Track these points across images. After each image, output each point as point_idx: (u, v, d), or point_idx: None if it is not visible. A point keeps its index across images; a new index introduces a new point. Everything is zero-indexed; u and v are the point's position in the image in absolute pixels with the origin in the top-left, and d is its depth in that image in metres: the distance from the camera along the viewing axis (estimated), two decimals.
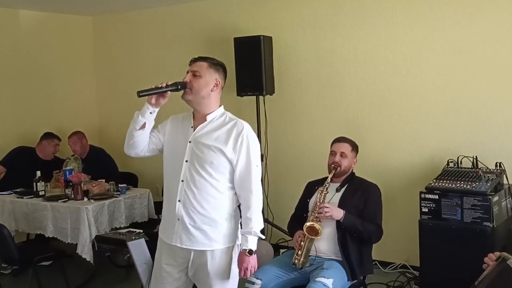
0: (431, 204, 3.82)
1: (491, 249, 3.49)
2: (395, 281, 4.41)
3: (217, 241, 2.58)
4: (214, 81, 2.61)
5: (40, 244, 5.07)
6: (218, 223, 2.58)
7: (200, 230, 2.56)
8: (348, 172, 3.50)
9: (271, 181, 5.25)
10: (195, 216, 2.55)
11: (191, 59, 2.66)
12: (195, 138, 2.58)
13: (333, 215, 3.24)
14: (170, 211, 2.60)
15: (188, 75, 2.59)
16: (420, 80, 4.49)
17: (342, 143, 3.53)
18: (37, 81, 5.96)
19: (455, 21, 4.30)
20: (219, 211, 2.58)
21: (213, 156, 2.53)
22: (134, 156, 2.73)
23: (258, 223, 2.58)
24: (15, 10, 5.79)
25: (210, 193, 2.55)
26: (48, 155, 5.40)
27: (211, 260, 2.57)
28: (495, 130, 4.19)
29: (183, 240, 2.57)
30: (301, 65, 5.09)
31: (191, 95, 2.57)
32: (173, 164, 2.63)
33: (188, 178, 2.55)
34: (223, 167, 2.56)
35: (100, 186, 4.78)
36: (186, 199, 2.55)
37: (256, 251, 2.60)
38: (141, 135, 2.62)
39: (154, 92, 2.53)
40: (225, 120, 2.64)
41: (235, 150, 2.54)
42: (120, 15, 6.29)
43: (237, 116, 2.72)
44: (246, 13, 5.34)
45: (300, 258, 3.22)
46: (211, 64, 2.62)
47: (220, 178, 2.56)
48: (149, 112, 2.57)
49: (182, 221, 2.56)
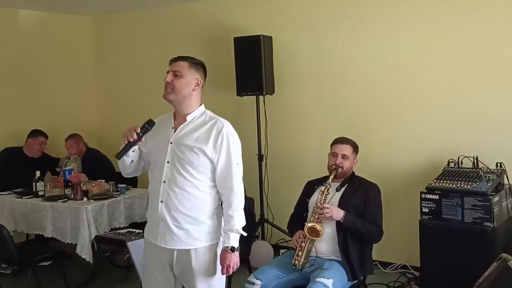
0: (432, 204, 3.81)
1: (492, 250, 3.51)
2: (395, 281, 4.40)
3: (200, 239, 2.60)
4: (195, 81, 2.65)
5: (39, 244, 5.06)
6: (201, 222, 2.60)
7: (183, 229, 2.58)
8: (349, 173, 3.49)
9: (271, 181, 5.24)
10: (177, 216, 2.57)
11: (171, 59, 2.68)
12: (176, 139, 2.61)
13: (333, 215, 3.23)
14: (154, 212, 2.64)
15: (169, 75, 2.61)
16: (420, 80, 4.49)
17: (344, 144, 3.51)
18: (36, 80, 5.96)
19: (455, 21, 4.29)
20: (202, 210, 2.60)
21: (194, 157, 2.56)
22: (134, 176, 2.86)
23: (240, 221, 2.60)
24: (15, 10, 5.79)
25: (192, 192, 2.58)
26: (34, 153, 5.36)
27: (195, 258, 2.59)
28: (496, 130, 4.18)
29: (167, 241, 2.60)
30: (301, 65, 5.08)
31: (172, 94, 2.59)
32: (155, 165, 2.67)
33: (169, 178, 2.58)
34: (204, 167, 2.58)
35: (99, 186, 4.77)
36: (168, 199, 2.58)
37: (238, 248, 2.62)
38: (133, 166, 2.73)
39: (130, 146, 2.59)
40: (205, 119, 2.66)
41: (215, 149, 2.56)
42: (120, 15, 6.28)
43: (237, 116, 2.73)
44: (246, 13, 5.34)
45: (300, 259, 3.21)
46: (191, 64, 2.65)
47: (201, 177, 2.58)
48: (131, 151, 2.65)
49: (165, 222, 2.59)
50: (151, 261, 2.71)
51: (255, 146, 5.15)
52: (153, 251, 2.67)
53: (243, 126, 5.40)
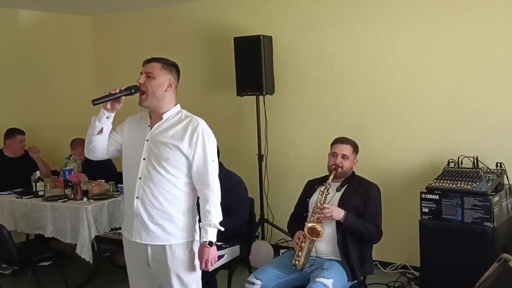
0: (432, 204, 3.81)
1: (492, 250, 3.51)
2: (395, 281, 4.40)
3: (175, 235, 2.66)
4: (168, 81, 2.69)
5: (39, 244, 5.06)
6: (176, 218, 2.66)
7: (158, 225, 2.64)
8: (349, 173, 3.49)
9: (271, 181, 5.24)
10: (153, 211, 2.64)
11: (144, 60, 2.73)
12: (152, 137, 2.67)
13: (333, 215, 3.22)
14: (130, 208, 2.70)
15: (142, 76, 2.68)
16: (420, 80, 4.49)
17: (344, 144, 3.50)
18: (36, 80, 5.95)
19: (455, 21, 4.29)
20: (177, 206, 2.66)
21: (169, 153, 2.62)
22: (95, 159, 2.86)
23: (217, 216, 2.66)
24: (15, 10, 5.78)
25: (167, 188, 2.64)
26: (16, 152, 5.29)
27: (170, 255, 2.65)
28: (496, 130, 4.18)
29: (142, 236, 2.67)
30: (301, 65, 5.08)
31: (147, 100, 2.67)
32: (131, 162, 2.72)
33: (145, 175, 2.64)
34: (179, 163, 2.64)
35: (99, 186, 4.77)
36: (143, 195, 2.64)
37: (215, 243, 2.67)
38: (99, 139, 2.73)
39: (108, 99, 2.63)
40: (180, 117, 2.72)
41: (191, 146, 2.62)
42: (119, 15, 6.28)
43: (237, 116, 2.74)
44: (246, 13, 5.34)
45: (300, 259, 3.21)
46: (164, 65, 2.70)
47: (177, 174, 2.64)
48: (106, 117, 2.68)
49: (141, 217, 2.65)
50: (131, 258, 2.79)
51: (255, 146, 5.15)
52: (131, 248, 2.75)
53: (243, 126, 5.42)
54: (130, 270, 2.84)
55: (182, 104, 2.73)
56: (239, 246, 3.74)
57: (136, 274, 2.81)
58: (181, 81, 2.80)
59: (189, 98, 5.90)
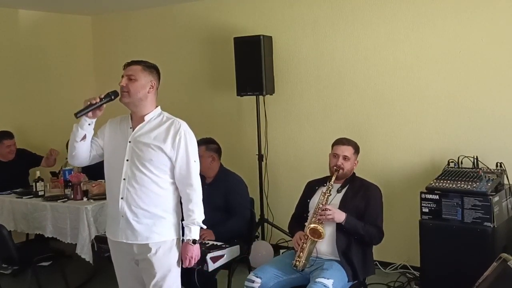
0: (432, 204, 3.81)
1: (492, 250, 3.51)
2: (395, 281, 4.40)
3: (159, 233, 2.73)
4: (150, 83, 2.75)
5: (39, 244, 5.06)
6: (161, 217, 2.73)
7: (143, 224, 2.71)
8: (349, 174, 3.49)
9: (271, 181, 5.24)
10: (137, 211, 2.70)
11: (125, 63, 2.80)
12: (134, 138, 2.73)
13: (335, 217, 3.22)
14: (114, 209, 2.76)
15: (123, 79, 2.74)
16: (420, 79, 4.49)
17: (346, 146, 3.47)
18: (36, 80, 5.95)
19: (455, 21, 4.29)
20: (161, 205, 2.73)
21: (152, 154, 2.68)
22: (79, 165, 2.92)
23: (200, 214, 2.75)
24: (14, 9, 5.78)
25: (151, 188, 2.70)
26: (5, 156, 5.21)
27: (154, 253, 2.71)
28: (496, 130, 4.18)
29: (128, 236, 2.73)
30: (301, 65, 5.08)
31: (128, 98, 2.72)
32: (114, 164, 2.77)
33: (129, 175, 2.70)
34: (162, 164, 2.71)
35: (99, 186, 4.76)
36: (128, 195, 2.70)
37: (199, 240, 2.77)
38: (82, 146, 2.77)
39: (90, 109, 2.69)
40: (162, 119, 2.78)
41: (173, 147, 2.69)
42: (119, 15, 6.28)
43: (237, 116, 2.76)
44: (246, 13, 5.34)
45: (301, 260, 3.21)
46: (145, 67, 2.77)
47: (160, 174, 2.71)
48: (87, 124, 2.73)
49: (126, 218, 2.71)
50: (117, 259, 2.88)
51: (255, 146, 5.15)
52: (116, 248, 2.82)
53: (243, 126, 5.42)
54: (117, 271, 2.92)
55: (182, 104, 2.75)
56: (239, 246, 3.74)
57: (123, 274, 2.89)
58: (181, 81, 2.81)
59: (189, 98, 5.91)
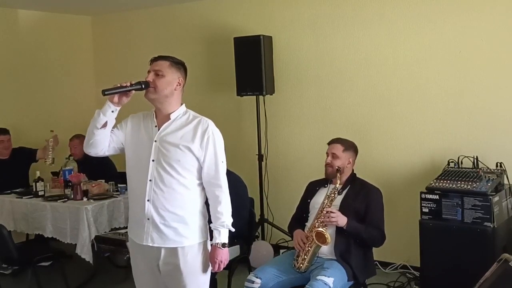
0: (432, 204, 3.81)
1: (492, 250, 3.51)
2: (395, 281, 4.40)
3: (187, 237, 2.60)
4: (177, 80, 2.63)
5: (39, 244, 5.06)
6: (188, 220, 2.60)
7: (171, 227, 2.58)
8: (344, 172, 3.44)
9: (271, 181, 5.24)
10: (165, 214, 2.57)
11: (152, 58, 2.67)
12: (160, 137, 2.60)
13: (338, 221, 3.21)
14: (139, 211, 2.62)
15: (150, 74, 2.60)
16: (420, 80, 4.49)
17: (334, 144, 3.50)
18: (36, 80, 5.95)
19: (455, 21, 4.29)
20: (188, 208, 2.61)
21: (180, 154, 2.56)
22: (94, 155, 2.75)
23: (229, 217, 2.63)
24: (14, 9, 5.78)
25: (178, 190, 2.58)
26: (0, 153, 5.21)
27: (182, 257, 2.59)
28: (496, 130, 4.18)
29: (154, 239, 2.59)
30: (301, 65, 5.08)
31: (154, 94, 2.58)
32: (138, 164, 2.63)
33: (156, 177, 2.57)
34: (190, 165, 2.58)
35: (99, 186, 4.77)
36: (155, 198, 2.57)
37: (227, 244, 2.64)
38: (101, 133, 2.62)
39: (119, 91, 2.53)
40: (188, 118, 2.65)
41: (202, 147, 2.57)
42: (119, 15, 6.28)
43: (237, 116, 2.73)
44: (246, 13, 5.34)
45: (304, 263, 3.22)
46: (172, 63, 2.63)
47: (187, 175, 2.59)
48: (111, 111, 2.57)
49: (152, 220, 2.58)
50: (138, 261, 2.71)
51: (255, 146, 5.15)
52: (139, 251, 2.67)
53: (243, 126, 5.42)
54: (137, 274, 2.75)
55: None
56: (239, 246, 3.74)
57: (143, 278, 2.72)
58: None
59: (189, 98, 5.90)
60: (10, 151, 5.27)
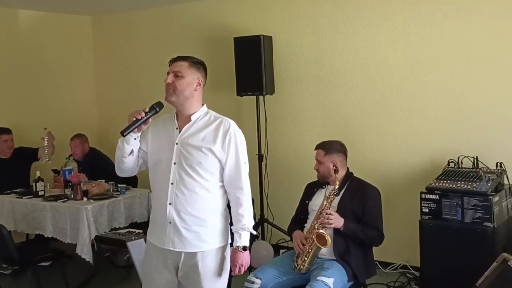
0: (432, 204, 3.81)
1: (492, 250, 3.51)
2: (395, 281, 4.40)
3: (208, 242, 2.56)
4: (197, 80, 2.60)
5: (39, 244, 5.06)
6: (210, 224, 2.56)
7: (192, 232, 2.53)
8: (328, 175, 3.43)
9: (271, 181, 5.24)
10: (186, 217, 2.53)
11: (171, 59, 2.62)
12: (182, 140, 2.55)
13: (335, 224, 3.21)
14: (161, 214, 2.58)
15: (169, 76, 2.55)
16: (420, 79, 4.49)
17: (316, 150, 3.51)
18: (36, 80, 5.96)
19: (455, 21, 4.29)
20: (210, 211, 2.57)
21: (202, 157, 2.51)
22: (128, 176, 2.77)
23: (250, 219, 2.59)
24: (14, 9, 5.78)
25: (200, 193, 2.53)
26: (3, 151, 5.20)
27: (202, 261, 2.55)
28: (496, 130, 4.18)
29: (175, 244, 2.55)
30: (301, 65, 5.08)
31: (174, 96, 2.54)
32: (160, 167, 2.59)
33: (177, 180, 2.53)
34: (212, 167, 2.54)
35: (99, 186, 4.77)
36: (177, 201, 2.53)
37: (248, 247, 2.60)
38: (130, 159, 2.62)
39: (136, 125, 2.52)
40: (209, 119, 2.61)
41: (223, 148, 2.53)
42: (119, 15, 6.28)
43: (237, 116, 2.72)
44: (246, 13, 5.34)
45: (305, 264, 3.22)
46: (191, 63, 2.60)
47: (209, 178, 2.54)
48: (133, 139, 2.56)
49: (174, 224, 2.54)
50: (154, 264, 2.63)
51: (255, 146, 5.14)
52: (158, 254, 2.61)
53: (243, 126, 5.34)
54: (149, 276, 2.68)
55: None
56: None
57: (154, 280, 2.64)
58: None
59: None
60: (12, 151, 5.28)
